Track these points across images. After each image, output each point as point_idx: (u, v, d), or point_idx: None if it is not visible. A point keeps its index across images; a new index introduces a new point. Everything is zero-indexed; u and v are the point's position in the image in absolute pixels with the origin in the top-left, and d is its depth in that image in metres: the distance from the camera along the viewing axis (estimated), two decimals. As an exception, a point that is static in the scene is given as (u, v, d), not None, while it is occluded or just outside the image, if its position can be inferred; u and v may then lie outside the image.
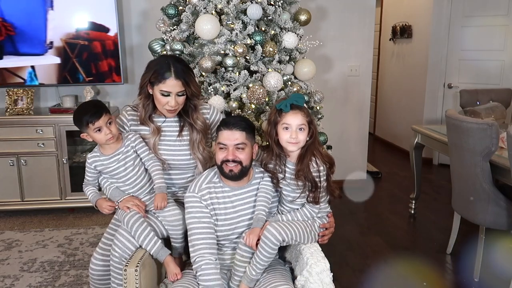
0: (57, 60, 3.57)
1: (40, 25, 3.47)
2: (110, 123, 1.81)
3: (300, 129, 1.74)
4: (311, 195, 1.77)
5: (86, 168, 1.90)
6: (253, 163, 1.82)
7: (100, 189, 1.94)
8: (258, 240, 1.71)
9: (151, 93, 1.87)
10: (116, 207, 1.87)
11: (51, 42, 3.54)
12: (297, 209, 1.83)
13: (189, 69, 1.88)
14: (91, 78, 3.66)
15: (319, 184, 1.76)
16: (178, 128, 1.95)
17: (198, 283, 1.68)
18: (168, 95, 1.81)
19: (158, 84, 1.81)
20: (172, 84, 1.80)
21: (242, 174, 1.74)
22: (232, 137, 1.70)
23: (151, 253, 1.78)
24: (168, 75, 1.79)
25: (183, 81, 1.81)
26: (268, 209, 1.81)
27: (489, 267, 2.79)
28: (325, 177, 1.78)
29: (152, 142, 1.91)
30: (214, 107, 2.08)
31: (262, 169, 1.85)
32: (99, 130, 1.79)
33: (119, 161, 1.86)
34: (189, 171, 1.98)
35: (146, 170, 1.91)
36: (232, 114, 2.50)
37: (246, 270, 1.73)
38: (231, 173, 1.72)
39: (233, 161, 1.70)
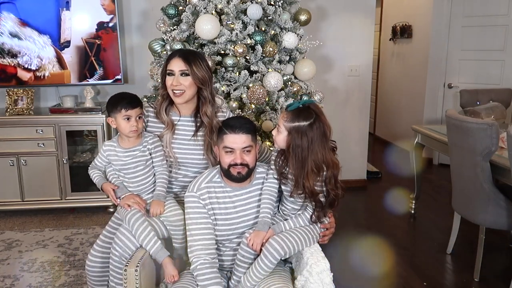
0: (69, 59, 3.63)
1: (53, 25, 3.57)
2: (139, 118, 1.87)
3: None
4: (315, 213, 1.76)
5: (99, 154, 1.94)
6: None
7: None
8: (262, 245, 1.70)
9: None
10: (118, 203, 1.89)
11: (67, 41, 3.60)
12: (299, 214, 1.80)
13: (198, 56, 1.91)
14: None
15: (323, 203, 1.75)
16: (193, 128, 1.96)
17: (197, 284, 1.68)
18: (173, 74, 1.87)
19: (167, 66, 1.90)
20: (175, 63, 1.87)
21: (248, 175, 1.74)
22: (239, 140, 1.69)
23: (150, 253, 1.78)
24: (174, 55, 1.90)
25: (186, 61, 1.86)
26: (273, 211, 1.81)
27: (489, 267, 2.79)
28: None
29: (167, 138, 1.93)
30: (230, 111, 2.11)
31: (262, 169, 1.85)
32: (128, 119, 1.83)
33: (132, 157, 1.88)
34: (198, 171, 1.98)
35: (154, 174, 1.94)
36: (232, 115, 2.50)
37: (242, 278, 1.73)
38: (239, 175, 1.71)
39: (241, 164, 1.70)
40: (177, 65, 1.86)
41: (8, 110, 3.56)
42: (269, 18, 2.69)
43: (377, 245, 3.20)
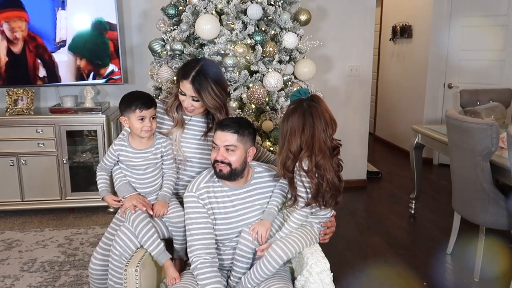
0: (65, 58, 3.63)
1: (49, 24, 3.58)
2: (153, 118, 1.85)
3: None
4: (291, 199, 1.75)
5: (108, 153, 1.90)
6: (252, 163, 1.83)
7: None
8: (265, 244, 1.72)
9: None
10: (121, 203, 1.88)
11: (63, 41, 3.61)
12: (289, 218, 1.79)
13: (211, 80, 1.83)
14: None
15: (290, 190, 1.74)
16: (204, 129, 1.97)
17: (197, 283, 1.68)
18: (184, 95, 1.85)
19: (179, 81, 1.87)
20: (186, 87, 1.84)
21: (231, 175, 1.73)
22: (223, 138, 1.71)
23: (152, 255, 1.78)
24: (186, 76, 1.83)
25: (196, 90, 1.82)
26: (281, 205, 1.82)
27: (489, 267, 2.79)
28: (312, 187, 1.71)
29: (177, 136, 1.93)
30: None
31: (261, 169, 1.85)
32: (142, 119, 1.81)
33: (143, 159, 1.87)
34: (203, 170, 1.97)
35: (162, 176, 1.93)
36: (232, 115, 2.50)
37: (243, 279, 1.74)
38: (220, 173, 1.73)
39: (222, 162, 1.71)
40: (188, 89, 1.83)
41: (8, 110, 3.56)
42: (269, 18, 2.69)
43: (377, 245, 3.20)
